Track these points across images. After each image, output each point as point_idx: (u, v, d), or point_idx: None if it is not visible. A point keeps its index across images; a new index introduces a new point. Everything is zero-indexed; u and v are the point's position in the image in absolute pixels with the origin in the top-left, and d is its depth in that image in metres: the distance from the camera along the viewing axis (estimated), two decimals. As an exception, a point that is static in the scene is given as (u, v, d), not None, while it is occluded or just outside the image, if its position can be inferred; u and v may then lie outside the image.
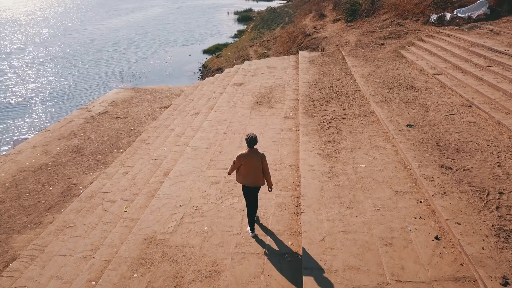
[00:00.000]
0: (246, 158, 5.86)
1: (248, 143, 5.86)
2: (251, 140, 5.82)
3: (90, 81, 31.91)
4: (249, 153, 5.88)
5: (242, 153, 5.91)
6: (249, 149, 5.90)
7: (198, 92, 16.35)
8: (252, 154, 5.87)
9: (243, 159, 5.87)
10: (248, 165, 5.87)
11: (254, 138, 5.85)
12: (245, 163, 5.87)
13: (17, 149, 12.31)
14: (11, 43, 48.40)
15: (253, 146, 5.90)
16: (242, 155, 5.89)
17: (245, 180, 5.98)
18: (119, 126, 13.84)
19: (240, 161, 5.90)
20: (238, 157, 5.92)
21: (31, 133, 19.87)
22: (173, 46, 47.37)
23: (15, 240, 7.80)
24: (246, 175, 5.93)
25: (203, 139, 10.00)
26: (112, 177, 9.68)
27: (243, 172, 5.94)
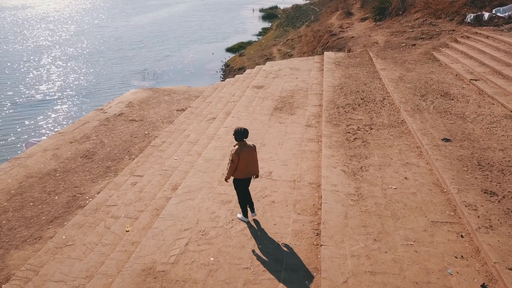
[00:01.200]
0: (244, 152, 5.92)
1: (242, 136, 5.94)
2: (244, 133, 5.94)
3: (112, 79, 31.78)
4: (244, 146, 5.97)
5: (239, 149, 5.91)
6: (241, 142, 5.99)
7: (217, 94, 15.65)
8: (247, 147, 5.98)
9: (241, 154, 5.90)
10: (246, 158, 5.95)
11: (246, 130, 5.98)
12: (243, 157, 5.91)
13: (28, 153, 11.90)
14: (37, 40, 49.09)
15: (243, 139, 5.99)
16: (239, 150, 5.91)
17: (244, 173, 6.04)
18: (133, 130, 13.28)
19: (238, 157, 5.89)
20: (236, 154, 5.88)
21: (47, 133, 19.65)
22: (197, 43, 47.01)
23: (11, 257, 7.27)
24: (244, 169, 6.01)
25: (217, 149, 9.26)
26: (119, 187, 9.07)
27: (242, 166, 5.97)
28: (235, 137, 5.99)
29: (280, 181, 7.57)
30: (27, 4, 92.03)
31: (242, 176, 6.03)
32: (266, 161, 8.44)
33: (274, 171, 7.97)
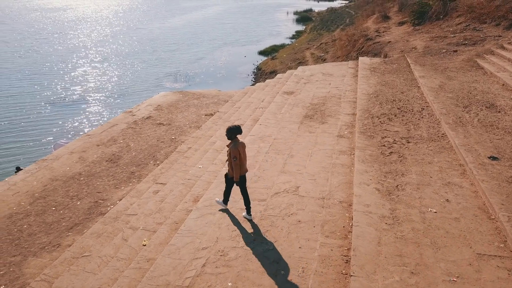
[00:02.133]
0: (241, 148, 6.06)
1: (236, 132, 5.99)
2: (238, 129, 6.01)
3: (146, 81, 32.07)
4: (239, 142, 6.08)
5: (236, 145, 5.98)
6: (235, 139, 6.06)
7: (246, 99, 15.25)
8: (241, 143, 6.10)
9: (240, 150, 6.02)
10: (242, 154, 6.09)
11: (239, 127, 6.05)
12: (241, 153, 6.03)
13: (55, 155, 11.89)
14: (75, 41, 50.50)
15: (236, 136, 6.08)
16: (238, 146, 5.98)
17: (242, 169, 6.16)
18: (160, 134, 13.08)
19: (238, 152, 5.98)
20: (236, 150, 5.95)
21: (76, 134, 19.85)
22: (230, 46, 46.98)
23: (28, 264, 7.10)
24: (243, 164, 6.14)
25: (242, 159, 8.83)
26: (141, 195, 8.80)
27: (242, 162, 6.11)
28: (229, 135, 6.03)
29: (308, 197, 7.04)
30: (68, 6, 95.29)
31: (242, 173, 6.19)
32: (293, 174, 7.93)
33: (301, 186, 7.45)
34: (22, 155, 17.49)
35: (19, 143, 19.06)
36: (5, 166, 16.45)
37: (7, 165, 16.57)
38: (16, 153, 17.84)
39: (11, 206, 9.09)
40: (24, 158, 16.79)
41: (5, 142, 19.11)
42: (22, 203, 9.20)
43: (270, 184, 7.58)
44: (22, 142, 19.05)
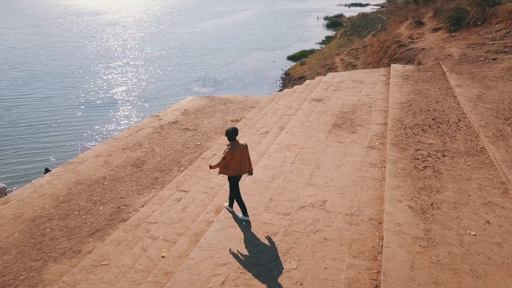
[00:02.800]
0: (236, 151, 6.23)
1: (233, 135, 6.26)
2: (235, 132, 6.29)
3: (175, 85, 32.33)
4: (237, 144, 6.29)
5: (232, 148, 6.21)
6: (233, 141, 6.31)
7: (273, 106, 14.96)
8: (240, 145, 6.33)
9: (235, 152, 6.21)
10: (239, 156, 6.28)
11: (236, 129, 6.33)
12: (235, 156, 6.22)
13: (81, 158, 11.95)
14: (106, 45, 51.70)
15: (235, 138, 6.33)
16: (233, 149, 6.21)
17: (236, 171, 6.38)
18: (186, 139, 12.96)
19: (232, 155, 6.19)
20: (230, 153, 6.18)
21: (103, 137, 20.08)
22: (259, 51, 46.90)
23: (48, 270, 7.03)
24: (237, 166, 6.33)
25: (266, 168, 8.52)
26: (163, 202, 8.64)
27: (234, 164, 6.29)
28: (228, 137, 6.32)
29: (335, 213, 6.66)
30: (103, 10, 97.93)
31: (235, 174, 6.42)
32: (320, 187, 7.56)
33: (328, 200, 7.07)
34: (52, 156, 17.80)
35: (50, 143, 19.45)
36: (35, 166, 16.76)
37: (37, 165, 16.88)
38: (46, 154, 18.19)
39: (35, 209, 9.11)
40: (54, 160, 17.07)
41: (36, 143, 19.55)
42: (46, 206, 9.21)
43: (295, 197, 7.24)
44: (52, 143, 19.43)
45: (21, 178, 15.79)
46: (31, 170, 16.41)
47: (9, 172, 16.27)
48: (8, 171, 16.33)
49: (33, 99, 26.95)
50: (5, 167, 16.71)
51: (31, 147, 18.87)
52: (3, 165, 16.92)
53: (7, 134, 20.31)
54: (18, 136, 20.20)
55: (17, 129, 21.20)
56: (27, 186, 10.32)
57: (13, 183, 14.87)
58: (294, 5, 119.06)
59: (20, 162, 17.18)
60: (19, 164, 17.06)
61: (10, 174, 15.90)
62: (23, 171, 16.37)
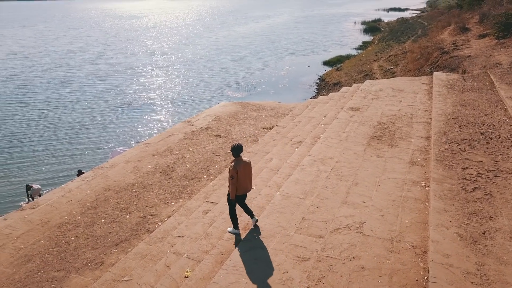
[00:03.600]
0: (241, 167, 6.11)
1: (238, 151, 6.19)
2: (240, 148, 6.20)
3: (208, 89, 32.32)
4: (241, 161, 6.18)
5: (237, 165, 6.10)
6: (238, 158, 6.21)
7: (307, 113, 14.42)
8: (244, 162, 6.23)
9: (239, 170, 6.08)
10: (243, 173, 6.15)
11: (241, 146, 6.22)
12: (240, 172, 6.09)
13: (111, 162, 11.85)
14: (142, 48, 52.67)
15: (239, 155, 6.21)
16: (238, 166, 6.09)
17: (242, 189, 6.27)
18: (217, 147, 12.64)
19: (237, 172, 6.05)
20: (235, 169, 6.04)
21: (135, 141, 20.11)
22: (294, 55, 46.36)
23: (70, 282, 6.80)
24: (243, 184, 6.23)
25: (299, 183, 8.01)
26: (190, 214, 8.30)
27: (240, 182, 6.17)
28: (232, 153, 6.23)
29: (374, 238, 6.06)
30: (141, 14, 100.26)
31: (241, 192, 6.29)
32: (357, 206, 6.98)
33: (366, 222, 6.48)
34: (84, 159, 17.98)
35: (84, 146, 19.70)
36: (68, 168, 16.93)
37: (70, 166, 17.04)
38: (79, 156, 18.40)
39: (63, 215, 9.00)
40: (86, 163, 17.21)
41: (71, 144, 19.86)
42: (73, 212, 9.08)
43: (330, 217, 6.69)
44: (85, 146, 19.66)
45: (54, 180, 15.99)
46: (64, 172, 16.61)
47: (43, 173, 16.54)
48: (42, 172, 16.60)
49: (70, 102, 27.61)
50: (39, 168, 17.00)
51: (65, 148, 19.17)
52: (38, 166, 17.23)
53: (45, 135, 20.78)
54: (54, 137, 20.61)
55: (54, 131, 21.66)
56: (57, 191, 10.27)
57: (47, 185, 15.05)
58: (331, 10, 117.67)
59: (54, 164, 17.44)
60: (53, 166, 17.32)
61: (45, 176, 16.14)
62: (56, 173, 16.59)
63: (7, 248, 7.84)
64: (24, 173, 16.46)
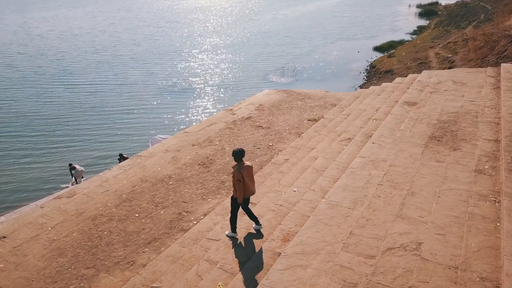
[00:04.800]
0: (245, 171, 6.15)
1: (240, 156, 6.18)
2: (242, 153, 6.20)
3: (252, 74, 31.68)
4: (244, 165, 6.19)
5: (239, 169, 6.11)
6: (240, 162, 6.21)
7: (357, 105, 13.40)
8: (247, 166, 6.24)
9: (243, 173, 6.11)
10: (247, 176, 6.20)
11: (243, 150, 6.21)
12: (244, 176, 6.11)
13: (150, 151, 11.55)
14: (188, 30, 52.60)
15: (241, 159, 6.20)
16: (241, 170, 6.11)
17: (247, 192, 6.28)
18: (258, 138, 12.01)
19: (241, 175, 6.08)
20: (240, 174, 6.06)
21: (176, 128, 19.83)
22: (343, 40, 44.50)
23: (99, 282, 6.50)
24: (247, 187, 6.24)
25: (347, 189, 7.21)
26: (227, 215, 7.76)
27: (246, 185, 6.18)
28: (234, 158, 6.23)
29: (434, 263, 5.21)
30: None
31: (246, 195, 6.32)
32: (414, 222, 6.11)
33: (425, 242, 5.62)
34: (124, 144, 17.95)
35: (125, 131, 19.70)
36: (109, 155, 16.92)
37: (111, 153, 17.03)
38: (121, 142, 18.42)
39: (97, 206, 8.77)
40: (126, 149, 17.15)
41: (113, 129, 19.95)
42: (108, 204, 8.83)
43: (382, 233, 5.88)
44: (127, 131, 19.64)
45: (95, 164, 16.08)
46: (104, 158, 16.67)
47: (85, 157, 16.67)
48: (83, 156, 16.74)
49: (115, 85, 27.83)
50: (81, 151, 17.16)
51: (108, 133, 19.26)
52: (80, 149, 17.40)
53: (89, 119, 21.02)
54: (98, 121, 20.80)
55: (98, 114, 21.87)
56: (94, 179, 10.09)
57: (86, 169, 15.11)
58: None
59: (95, 148, 17.55)
60: (95, 150, 17.43)
61: (86, 159, 16.25)
62: (97, 158, 16.69)
63: (41, 239, 7.69)
64: (66, 156, 16.66)
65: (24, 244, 7.56)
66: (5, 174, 15.13)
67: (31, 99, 24.19)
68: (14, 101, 23.73)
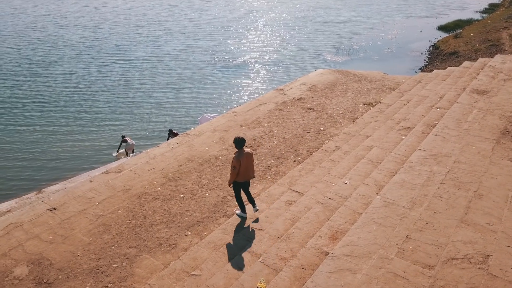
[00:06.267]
0: (243, 158, 6.45)
1: (241, 144, 6.49)
2: (243, 142, 6.51)
3: (306, 52, 30.57)
4: (244, 153, 6.50)
5: (240, 156, 6.43)
6: (240, 149, 6.51)
7: (419, 91, 12.41)
8: (247, 153, 6.55)
9: (242, 160, 6.43)
10: (245, 163, 6.50)
11: (244, 139, 6.54)
12: (242, 163, 6.43)
13: (198, 130, 11.40)
14: (242, 5, 51.64)
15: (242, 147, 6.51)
16: (241, 157, 6.43)
17: (244, 177, 6.64)
18: (308, 122, 11.48)
19: (239, 163, 6.40)
20: (237, 161, 6.40)
21: (226, 107, 19.58)
22: (405, 18, 41.90)
23: (141, 263, 6.45)
24: (244, 172, 6.58)
25: (404, 186, 6.58)
26: (272, 202, 7.46)
27: (242, 171, 6.53)
28: (235, 145, 6.54)
29: (504, 281, 4.58)
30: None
31: (242, 180, 6.67)
32: (480, 229, 5.43)
33: (493, 255, 4.97)
34: (174, 120, 17.98)
35: (175, 107, 19.68)
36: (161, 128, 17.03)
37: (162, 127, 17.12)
38: (171, 116, 18.46)
39: (143, 184, 8.75)
40: (176, 124, 17.18)
41: (164, 103, 20.04)
42: (154, 182, 8.78)
43: (444, 239, 5.28)
44: (177, 107, 19.57)
45: (145, 138, 16.28)
46: (154, 132, 16.80)
47: (135, 131, 16.89)
48: (133, 130, 16.97)
49: (166, 61, 27.71)
50: (131, 126, 17.41)
51: (158, 108, 19.36)
52: (130, 124, 17.64)
53: (140, 94, 21.19)
54: (149, 96, 20.96)
55: (149, 90, 22.00)
56: (142, 155, 10.11)
57: (137, 144, 15.32)
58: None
59: (145, 123, 17.71)
60: (144, 124, 17.61)
61: (136, 134, 16.46)
62: (147, 132, 16.86)
63: (88, 214, 7.79)
64: (117, 129, 16.96)
65: (72, 218, 7.69)
66: (60, 144, 15.73)
67: (86, 72, 24.79)
68: (70, 74, 24.40)
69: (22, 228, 7.47)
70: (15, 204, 12.24)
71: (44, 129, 17.00)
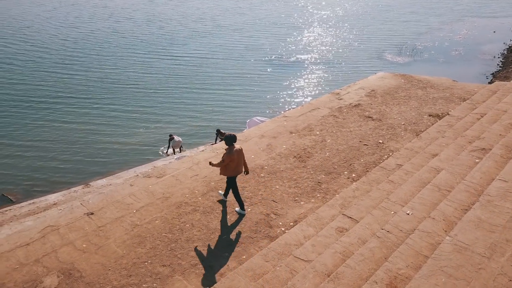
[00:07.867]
0: (233, 155, 6.89)
1: (231, 141, 6.93)
2: (234, 139, 6.95)
3: (367, 52, 29.06)
4: (234, 149, 6.93)
5: (232, 153, 6.87)
6: (231, 146, 6.94)
7: (494, 103, 10.96)
8: (237, 150, 7.00)
9: (233, 156, 6.87)
10: (236, 159, 6.96)
11: (235, 136, 6.99)
12: (233, 159, 6.89)
13: (245, 135, 10.78)
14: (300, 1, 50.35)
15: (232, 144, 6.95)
16: (230, 154, 6.87)
17: (235, 172, 7.13)
18: (365, 132, 10.48)
19: (230, 159, 6.86)
20: (228, 157, 6.86)
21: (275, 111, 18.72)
22: (476, 17, 38.79)
23: (172, 285, 5.93)
24: (235, 168, 7.07)
25: (481, 226, 5.52)
26: (321, 227, 6.66)
27: (232, 166, 7.01)
28: (226, 142, 6.95)
29: None
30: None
31: (233, 174, 7.11)
32: None
33: None
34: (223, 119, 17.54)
35: (225, 106, 19.25)
36: (209, 127, 16.66)
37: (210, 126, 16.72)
38: (221, 115, 18.06)
39: (184, 192, 8.26)
40: (224, 124, 16.71)
41: (215, 101, 19.68)
42: (196, 191, 8.27)
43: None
44: (227, 107, 19.14)
45: (192, 137, 15.97)
46: (203, 130, 16.45)
47: (183, 128, 16.63)
48: (181, 127, 16.71)
49: (217, 59, 27.15)
50: (179, 123, 17.16)
51: (207, 107, 18.99)
52: (178, 121, 17.41)
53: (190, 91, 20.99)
54: (198, 94, 20.67)
55: (199, 88, 21.70)
56: (186, 160, 9.65)
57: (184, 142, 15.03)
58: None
59: (194, 121, 17.42)
60: (193, 122, 17.32)
61: (184, 130, 16.19)
62: (195, 130, 16.55)
63: (124, 222, 7.41)
64: (165, 126, 16.82)
65: (108, 225, 7.35)
66: (109, 139, 15.80)
67: (137, 68, 24.96)
68: (121, 69, 24.67)
69: (58, 232, 7.23)
70: (62, 197, 12.37)
71: (93, 123, 17.24)
